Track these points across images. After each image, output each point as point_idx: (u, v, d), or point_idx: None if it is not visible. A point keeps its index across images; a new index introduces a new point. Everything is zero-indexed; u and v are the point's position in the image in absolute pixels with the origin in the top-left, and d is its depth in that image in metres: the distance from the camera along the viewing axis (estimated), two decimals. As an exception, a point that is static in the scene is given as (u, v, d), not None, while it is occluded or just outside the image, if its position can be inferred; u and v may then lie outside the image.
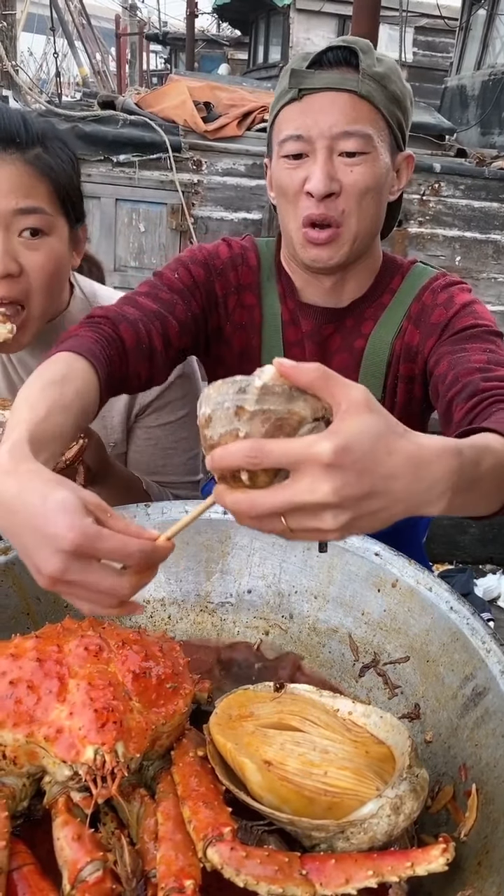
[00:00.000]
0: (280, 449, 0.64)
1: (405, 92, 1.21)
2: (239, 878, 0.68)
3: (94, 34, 13.92)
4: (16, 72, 5.97)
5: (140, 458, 1.47)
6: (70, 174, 1.27)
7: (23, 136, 1.21)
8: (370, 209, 1.20)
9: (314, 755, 0.78)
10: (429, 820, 0.85)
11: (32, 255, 1.22)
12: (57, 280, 1.28)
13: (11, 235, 1.21)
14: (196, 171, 4.85)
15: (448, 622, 0.96)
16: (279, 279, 1.35)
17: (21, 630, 0.95)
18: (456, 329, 1.20)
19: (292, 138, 1.18)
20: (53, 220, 1.24)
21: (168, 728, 0.84)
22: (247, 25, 14.67)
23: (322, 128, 1.15)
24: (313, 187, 1.16)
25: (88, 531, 0.70)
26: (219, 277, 1.32)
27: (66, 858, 0.72)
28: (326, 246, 1.20)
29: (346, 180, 1.17)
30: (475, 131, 7.37)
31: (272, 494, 0.65)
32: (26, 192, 1.20)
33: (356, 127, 1.15)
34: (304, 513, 0.64)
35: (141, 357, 1.16)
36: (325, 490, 0.62)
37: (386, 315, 1.31)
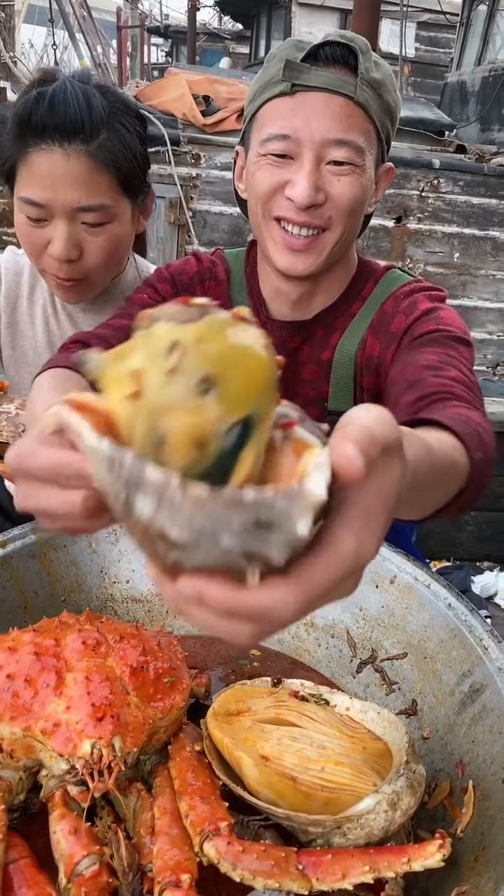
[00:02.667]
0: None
1: (397, 102, 1.15)
2: (235, 872, 0.68)
3: (95, 26, 13.85)
4: (14, 63, 5.94)
5: None
6: (136, 151, 1.27)
7: (87, 124, 1.20)
8: (351, 221, 1.15)
9: (311, 751, 0.78)
10: (425, 816, 0.85)
11: (94, 240, 1.28)
12: (116, 256, 1.34)
13: (75, 224, 1.25)
14: (194, 164, 4.84)
15: (446, 619, 0.96)
16: (250, 292, 1.30)
17: (18, 623, 0.95)
18: (415, 335, 1.11)
19: (278, 137, 1.10)
20: (115, 208, 1.27)
21: (165, 722, 0.84)
22: (248, 19, 14.62)
23: (313, 131, 1.08)
24: (297, 196, 1.09)
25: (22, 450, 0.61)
26: (185, 292, 1.30)
27: (62, 852, 0.72)
28: (304, 253, 1.14)
29: (332, 191, 1.10)
30: (475, 127, 7.36)
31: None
32: (89, 189, 1.22)
33: (349, 136, 1.08)
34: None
35: None
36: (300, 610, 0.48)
37: (352, 326, 1.24)
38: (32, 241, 1.29)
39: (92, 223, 1.26)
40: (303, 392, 1.29)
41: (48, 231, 1.26)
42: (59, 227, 1.25)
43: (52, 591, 1.10)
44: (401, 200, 5.23)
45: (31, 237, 1.28)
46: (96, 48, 13.74)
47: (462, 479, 0.76)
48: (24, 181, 1.24)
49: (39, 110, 1.19)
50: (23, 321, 1.56)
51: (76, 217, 1.25)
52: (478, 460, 0.77)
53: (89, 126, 1.20)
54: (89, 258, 1.29)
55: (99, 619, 0.92)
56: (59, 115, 1.19)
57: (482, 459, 0.78)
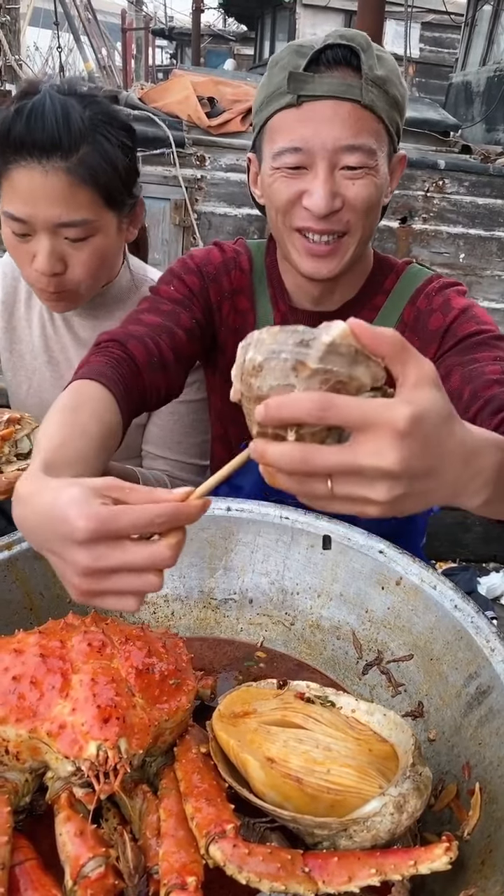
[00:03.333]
0: (352, 406, 0.59)
1: (404, 93, 1.16)
2: (241, 875, 0.68)
3: (99, 29, 13.88)
4: (19, 66, 5.96)
5: (160, 433, 1.49)
6: (119, 164, 1.26)
7: (65, 140, 1.19)
8: (370, 221, 1.17)
9: (317, 753, 0.78)
10: (432, 818, 0.84)
11: (77, 254, 1.28)
12: (103, 267, 1.34)
13: (57, 238, 1.25)
14: (199, 166, 4.84)
15: (452, 620, 0.96)
16: (270, 282, 1.33)
17: (24, 625, 0.95)
18: (459, 336, 1.17)
19: (290, 150, 1.11)
20: (98, 222, 1.27)
21: (171, 724, 0.83)
22: (253, 20, 14.65)
23: (324, 140, 1.08)
24: (315, 205, 1.10)
25: (101, 513, 0.67)
26: (212, 283, 1.32)
27: (68, 854, 0.72)
28: (327, 258, 1.16)
29: (348, 194, 1.12)
30: (480, 128, 7.35)
31: (333, 452, 0.60)
32: (69, 205, 1.22)
33: (360, 141, 1.09)
34: (358, 479, 0.61)
35: (155, 371, 1.15)
36: (392, 457, 0.59)
37: (380, 318, 1.28)
38: (18, 254, 1.29)
39: (74, 238, 1.25)
40: None
41: (32, 245, 1.26)
42: (41, 242, 1.24)
43: (58, 593, 1.10)
44: (406, 201, 5.22)
45: (17, 251, 1.29)
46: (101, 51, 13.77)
47: None
48: (6, 196, 1.24)
49: (17, 126, 1.18)
50: (20, 326, 1.56)
51: (58, 232, 1.24)
52: None
53: (67, 141, 1.19)
54: (74, 272, 1.29)
55: (104, 621, 0.92)
56: (36, 132, 1.18)
57: None
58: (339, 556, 1.10)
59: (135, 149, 1.33)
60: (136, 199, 1.37)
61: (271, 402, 0.61)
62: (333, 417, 0.59)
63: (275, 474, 0.64)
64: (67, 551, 0.68)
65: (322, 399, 0.59)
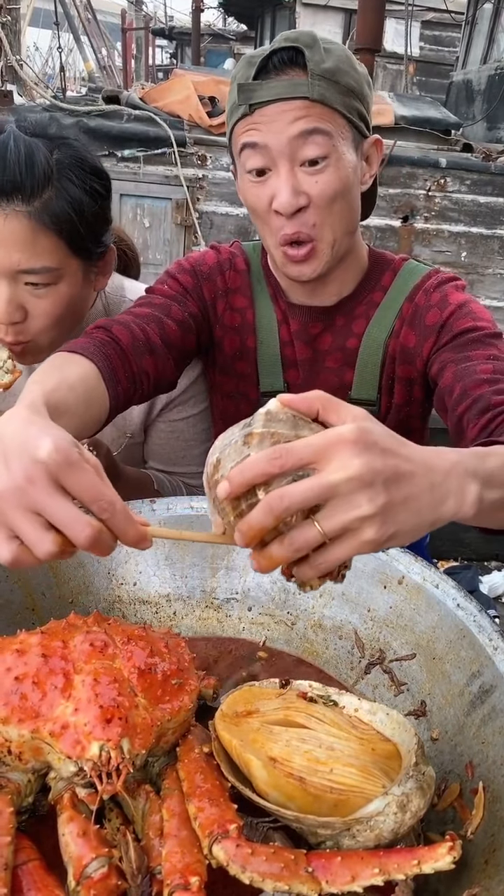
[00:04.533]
0: (303, 443, 0.62)
1: (360, 79, 1.15)
2: (245, 875, 0.68)
3: (99, 29, 13.91)
4: (20, 66, 5.96)
5: (161, 451, 1.48)
6: (86, 210, 1.20)
7: (27, 183, 1.14)
8: (342, 212, 1.17)
9: (320, 752, 0.78)
10: (435, 818, 0.84)
11: (38, 301, 1.21)
12: (67, 315, 1.27)
13: (17, 285, 1.19)
14: (201, 165, 4.84)
15: (455, 619, 0.96)
16: (269, 281, 1.34)
17: (25, 626, 0.95)
18: (454, 332, 1.17)
19: (249, 146, 1.13)
20: (61, 270, 1.20)
21: (173, 724, 0.83)
22: (253, 20, 14.64)
23: (278, 136, 1.10)
24: (280, 205, 1.12)
25: (72, 457, 0.66)
26: (206, 282, 1.32)
27: (71, 854, 0.71)
28: (306, 262, 1.18)
29: (312, 192, 1.13)
30: (481, 126, 7.34)
31: (302, 484, 0.62)
32: (30, 252, 1.16)
33: (312, 125, 1.10)
34: (338, 502, 0.62)
35: (141, 353, 1.15)
36: (356, 464, 0.61)
37: (378, 314, 1.28)
38: None
39: (35, 285, 1.19)
40: (325, 380, 1.31)
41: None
42: (0, 289, 1.18)
43: (60, 593, 1.10)
44: (407, 200, 5.22)
45: None
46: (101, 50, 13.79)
47: None
48: None
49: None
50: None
51: (18, 278, 1.18)
52: None
53: (30, 184, 1.14)
54: (35, 321, 1.22)
55: (106, 621, 0.92)
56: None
57: None
58: (341, 556, 1.10)
59: (107, 196, 1.27)
60: (106, 248, 1.30)
61: (232, 472, 0.64)
62: (290, 459, 0.62)
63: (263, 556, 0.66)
64: (16, 460, 0.66)
65: (274, 449, 0.63)
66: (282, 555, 0.65)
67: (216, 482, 0.68)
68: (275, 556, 0.66)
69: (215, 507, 0.71)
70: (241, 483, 0.63)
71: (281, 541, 0.65)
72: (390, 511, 0.63)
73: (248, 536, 0.65)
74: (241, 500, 0.66)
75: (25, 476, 0.65)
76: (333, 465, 0.61)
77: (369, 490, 0.62)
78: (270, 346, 1.33)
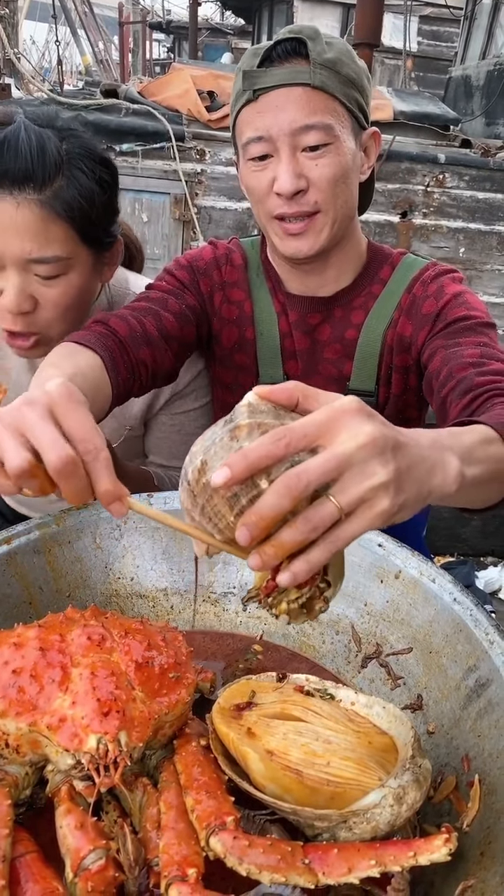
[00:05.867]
0: (304, 421, 0.61)
1: (360, 71, 1.19)
2: (242, 867, 0.68)
3: (96, 22, 13.83)
4: (18, 60, 5.94)
5: (162, 444, 1.49)
6: (96, 199, 1.21)
7: (38, 172, 1.15)
8: (342, 195, 1.20)
9: (317, 745, 0.78)
10: (431, 810, 0.85)
11: (48, 291, 1.21)
12: (76, 306, 1.27)
13: (28, 275, 1.19)
14: (199, 160, 4.82)
15: (451, 613, 0.96)
16: (268, 275, 1.36)
17: (23, 619, 0.95)
18: (448, 320, 1.20)
19: (254, 140, 1.17)
20: (72, 260, 1.21)
21: (171, 717, 0.84)
22: (250, 14, 14.60)
23: (281, 125, 1.14)
24: (281, 187, 1.16)
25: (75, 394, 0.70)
26: (203, 277, 1.35)
27: (68, 846, 0.72)
28: (304, 235, 1.20)
29: (312, 175, 1.16)
30: (480, 122, 7.33)
31: (314, 461, 0.60)
32: (41, 241, 1.16)
33: (315, 119, 1.14)
34: (352, 473, 0.61)
35: (139, 343, 1.17)
36: (366, 430, 0.60)
37: (377, 306, 1.30)
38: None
39: (46, 275, 1.19)
40: (324, 371, 1.33)
41: (1, 281, 1.19)
42: (10, 279, 1.18)
43: (57, 587, 1.10)
44: (406, 195, 5.21)
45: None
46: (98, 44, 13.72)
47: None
48: None
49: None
50: (6, 345, 1.52)
51: (29, 268, 1.18)
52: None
53: (41, 173, 1.14)
54: (44, 311, 1.22)
55: (104, 615, 0.92)
56: (7, 162, 1.13)
57: None
58: (338, 550, 1.10)
59: (115, 185, 1.27)
60: (115, 239, 1.30)
61: (233, 457, 0.61)
62: (296, 437, 0.60)
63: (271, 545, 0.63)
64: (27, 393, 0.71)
65: (276, 431, 0.61)
66: (295, 539, 0.62)
67: (204, 485, 0.65)
68: (286, 541, 0.62)
69: (204, 516, 0.67)
70: (246, 467, 0.60)
71: (293, 524, 0.62)
72: (401, 478, 0.63)
73: (258, 528, 0.62)
74: (241, 495, 0.63)
75: (27, 399, 0.69)
76: (342, 436, 0.60)
77: (381, 457, 0.61)
78: (270, 337, 1.34)
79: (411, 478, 0.64)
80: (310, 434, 0.61)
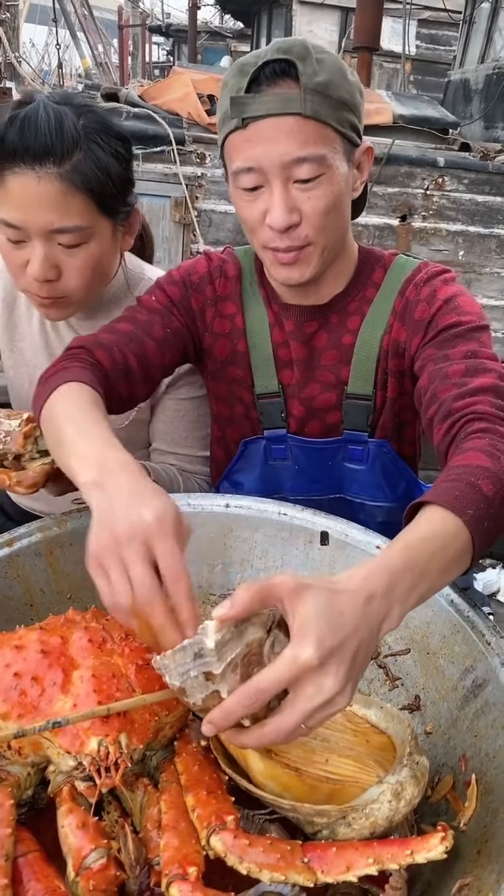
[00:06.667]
0: (271, 679, 0.68)
1: (352, 89, 1.13)
2: (242, 865, 0.69)
3: (96, 25, 13.87)
4: (19, 63, 5.96)
5: (165, 429, 1.52)
6: (112, 171, 1.26)
7: (57, 147, 1.20)
8: (333, 224, 1.17)
9: (315, 743, 0.79)
10: (429, 810, 0.86)
11: (71, 260, 1.28)
12: (98, 273, 1.34)
13: (51, 244, 1.25)
14: (200, 163, 4.83)
15: (448, 615, 0.97)
16: (262, 284, 1.35)
17: (24, 621, 0.96)
18: (439, 328, 1.18)
19: (244, 171, 1.13)
20: (92, 229, 1.27)
21: (171, 719, 0.85)
22: (249, 17, 14.62)
23: (272, 158, 1.09)
24: (274, 222, 1.13)
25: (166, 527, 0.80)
26: (195, 292, 1.34)
27: (70, 846, 0.73)
28: (295, 266, 1.19)
29: (305, 207, 1.13)
30: (479, 125, 7.34)
31: (291, 713, 0.69)
32: (62, 211, 1.22)
33: (307, 151, 1.09)
34: (318, 710, 0.69)
35: (119, 377, 1.20)
36: (329, 684, 0.68)
37: (372, 311, 1.29)
38: (12, 261, 1.29)
39: (68, 244, 1.26)
40: (321, 377, 1.33)
41: (27, 251, 1.26)
42: (35, 248, 1.25)
43: (58, 589, 1.11)
44: (405, 199, 5.22)
45: (11, 257, 1.29)
46: (97, 47, 13.75)
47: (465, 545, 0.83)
48: (1, 203, 1.24)
49: (11, 133, 1.19)
50: (21, 323, 1.57)
51: (52, 238, 1.24)
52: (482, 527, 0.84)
53: (60, 148, 1.20)
54: (68, 278, 1.30)
55: (105, 617, 0.93)
56: (28, 138, 1.19)
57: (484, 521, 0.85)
58: (336, 552, 1.11)
59: (130, 159, 1.33)
60: (132, 208, 1.37)
61: (214, 717, 0.71)
62: (264, 698, 0.69)
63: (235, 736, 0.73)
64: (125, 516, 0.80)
65: (246, 694, 0.69)
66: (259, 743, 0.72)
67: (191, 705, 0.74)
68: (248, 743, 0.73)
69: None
70: (228, 725, 0.71)
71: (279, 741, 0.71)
72: (357, 680, 0.72)
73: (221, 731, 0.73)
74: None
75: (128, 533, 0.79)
76: (309, 689, 0.68)
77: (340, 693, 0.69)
78: (262, 348, 1.34)
79: (363, 663, 0.72)
80: (279, 689, 0.69)
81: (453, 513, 0.83)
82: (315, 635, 0.67)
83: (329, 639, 0.68)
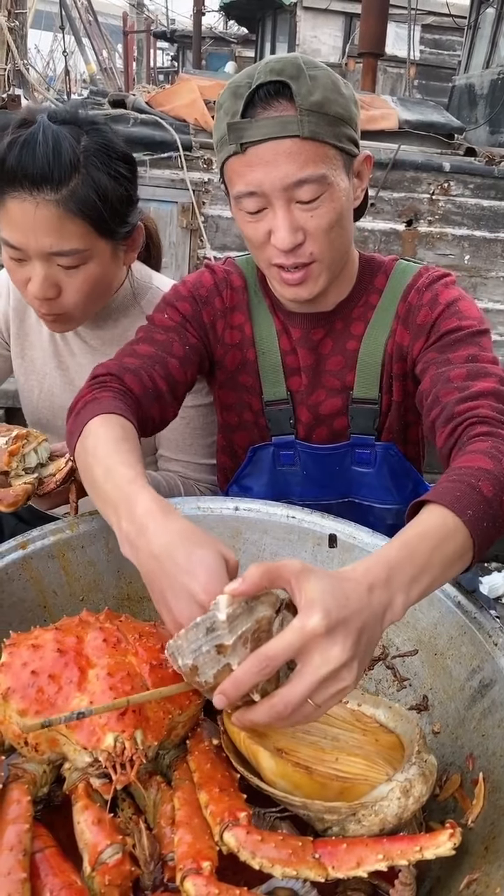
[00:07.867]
0: (280, 646, 0.71)
1: (347, 103, 1.13)
2: (255, 860, 0.70)
3: (101, 31, 13.93)
4: (27, 70, 5.99)
5: (172, 436, 1.53)
6: (111, 194, 1.27)
7: (55, 173, 1.21)
8: (339, 238, 1.18)
9: (325, 742, 0.81)
10: (437, 808, 0.87)
11: (71, 280, 1.31)
12: (98, 290, 1.37)
13: (51, 265, 1.28)
14: (206, 169, 4.85)
15: (455, 616, 0.99)
16: (266, 293, 1.36)
17: (38, 622, 0.98)
18: (441, 332, 1.20)
19: (246, 195, 1.13)
20: (90, 251, 1.29)
21: (184, 718, 0.86)
22: (253, 23, 14.67)
23: (273, 181, 1.10)
24: (279, 243, 1.14)
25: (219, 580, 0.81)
26: (205, 306, 1.35)
27: (86, 841, 0.74)
28: (303, 284, 1.20)
29: (309, 226, 1.14)
30: (484, 130, 7.36)
31: (299, 682, 0.72)
32: (60, 236, 1.24)
33: (307, 172, 1.09)
34: (326, 683, 0.72)
35: (150, 401, 1.21)
36: (336, 653, 0.71)
37: (376, 316, 1.31)
38: (16, 277, 1.32)
39: (67, 266, 1.28)
40: (327, 383, 1.34)
41: (28, 270, 1.29)
42: (35, 268, 1.28)
43: (71, 591, 1.12)
44: (411, 204, 5.23)
45: (15, 274, 1.32)
46: (102, 53, 13.81)
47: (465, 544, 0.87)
48: (3, 223, 1.27)
49: (10, 158, 1.20)
50: (32, 332, 1.59)
51: (51, 259, 1.27)
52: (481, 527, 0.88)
53: (57, 174, 1.21)
54: (68, 296, 1.32)
55: (118, 618, 0.94)
56: (26, 165, 1.20)
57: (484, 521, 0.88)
58: (344, 554, 1.13)
59: (133, 178, 1.34)
60: (133, 226, 1.38)
61: (225, 688, 0.74)
62: (274, 665, 0.72)
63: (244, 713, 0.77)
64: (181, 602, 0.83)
65: (256, 661, 0.72)
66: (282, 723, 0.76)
67: (203, 685, 0.78)
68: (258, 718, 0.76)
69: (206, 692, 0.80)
70: (239, 695, 0.75)
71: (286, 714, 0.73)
72: (363, 663, 0.75)
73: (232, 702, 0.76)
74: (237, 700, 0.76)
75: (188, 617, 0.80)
76: (316, 659, 0.71)
77: (349, 665, 0.72)
78: (271, 356, 1.35)
79: (371, 648, 0.76)
80: (288, 658, 0.72)
81: (453, 512, 0.86)
82: (322, 607, 0.71)
83: (335, 611, 0.71)
